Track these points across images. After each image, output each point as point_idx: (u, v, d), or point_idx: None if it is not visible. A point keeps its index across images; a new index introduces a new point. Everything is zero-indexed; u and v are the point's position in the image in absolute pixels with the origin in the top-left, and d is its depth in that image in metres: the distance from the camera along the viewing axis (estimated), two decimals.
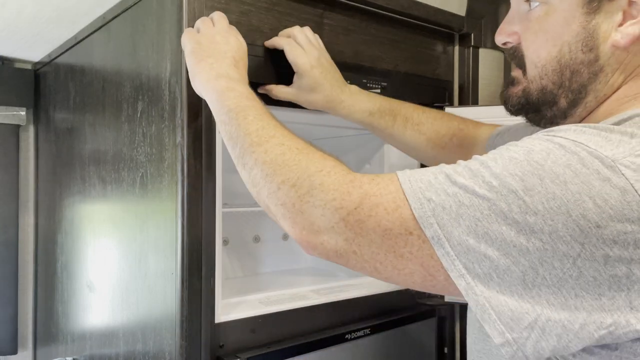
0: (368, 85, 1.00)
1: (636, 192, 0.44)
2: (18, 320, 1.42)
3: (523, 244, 0.45)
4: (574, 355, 0.49)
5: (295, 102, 0.90)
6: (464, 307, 1.20)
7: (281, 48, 0.86)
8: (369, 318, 1.04)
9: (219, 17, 0.78)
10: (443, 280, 0.49)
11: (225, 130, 0.66)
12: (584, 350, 0.48)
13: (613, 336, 0.46)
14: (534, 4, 0.60)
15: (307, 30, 0.88)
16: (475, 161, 0.50)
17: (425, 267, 0.50)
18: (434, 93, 1.05)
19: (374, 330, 1.01)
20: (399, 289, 1.12)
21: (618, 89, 0.57)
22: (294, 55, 0.85)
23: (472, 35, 1.20)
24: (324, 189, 0.54)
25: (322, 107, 0.90)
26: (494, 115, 1.11)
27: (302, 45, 0.86)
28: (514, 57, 0.64)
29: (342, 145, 1.35)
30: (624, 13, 0.55)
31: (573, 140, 0.47)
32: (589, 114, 0.60)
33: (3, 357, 1.42)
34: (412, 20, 1.10)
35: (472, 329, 0.65)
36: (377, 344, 1.03)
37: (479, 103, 1.23)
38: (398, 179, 0.52)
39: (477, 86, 1.22)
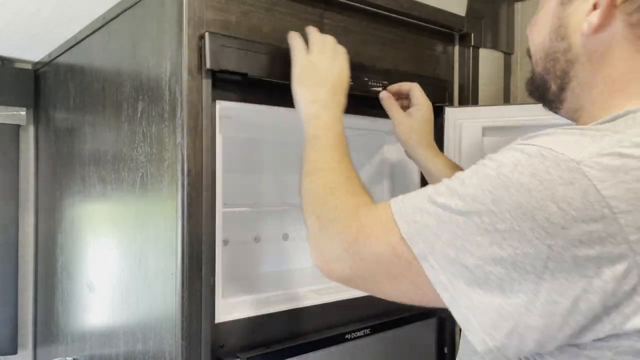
0: (370, 83, 1.00)
1: (598, 191, 0.45)
2: (18, 320, 1.42)
3: (497, 252, 0.48)
4: (549, 354, 0.51)
5: (397, 123, 0.98)
6: None
7: (409, 88, 1.00)
8: (369, 318, 1.04)
9: (329, 40, 0.87)
10: (433, 296, 0.52)
11: (303, 152, 0.77)
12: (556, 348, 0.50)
13: (585, 332, 0.48)
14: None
15: None
16: (455, 179, 0.53)
17: (416, 284, 0.54)
18: (434, 93, 1.05)
19: (374, 330, 1.01)
20: None
21: (606, 79, 0.58)
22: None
23: (472, 35, 1.20)
24: (334, 224, 0.63)
25: (415, 141, 0.98)
26: (493, 115, 1.12)
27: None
28: (527, 49, 0.70)
29: None
30: (595, 4, 0.57)
31: (541, 147, 0.49)
32: (595, 102, 0.61)
33: (3, 357, 1.42)
34: (412, 20, 1.10)
35: (462, 341, 0.67)
36: (377, 344, 1.03)
37: (479, 103, 1.23)
38: (390, 207, 0.57)
39: (477, 86, 1.22)
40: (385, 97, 1.00)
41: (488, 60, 1.24)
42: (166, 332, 0.83)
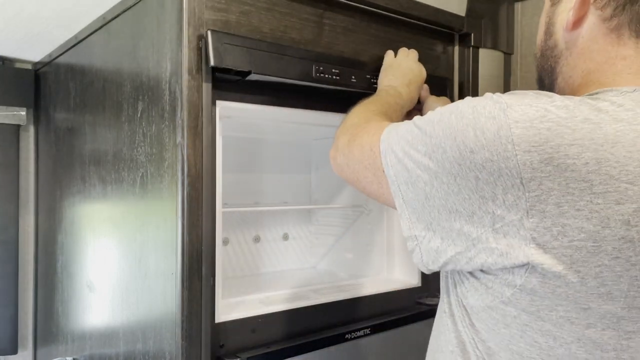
0: (372, 80, 1.00)
1: (510, 129, 0.51)
2: (18, 320, 1.43)
3: (426, 162, 0.57)
4: (461, 275, 0.61)
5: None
6: None
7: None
8: (369, 318, 1.04)
9: (412, 52, 1.05)
10: (386, 189, 0.64)
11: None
12: (467, 278, 0.60)
13: (476, 250, 0.55)
14: None
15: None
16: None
17: (377, 176, 0.66)
18: (434, 92, 1.05)
19: (374, 330, 1.01)
20: (399, 288, 1.12)
21: (583, 71, 0.62)
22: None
23: (472, 35, 1.20)
24: (353, 126, 0.77)
25: None
26: None
27: None
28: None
29: None
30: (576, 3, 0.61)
31: (497, 94, 0.56)
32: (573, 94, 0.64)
33: (3, 357, 1.42)
34: (412, 20, 1.10)
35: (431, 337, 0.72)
36: (377, 344, 1.03)
37: None
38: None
39: (477, 86, 1.22)
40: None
41: (488, 60, 1.24)
42: (166, 332, 0.83)
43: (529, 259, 0.51)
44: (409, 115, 0.97)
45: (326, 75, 0.95)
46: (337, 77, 0.96)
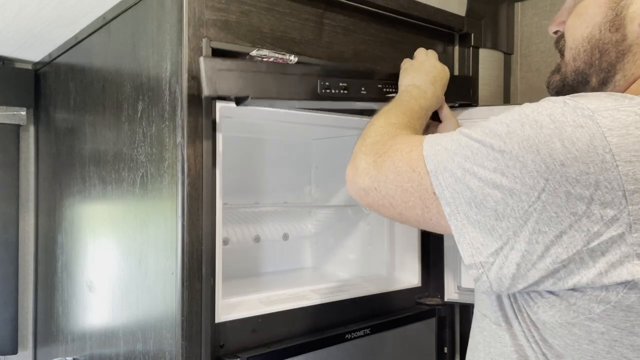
0: (385, 90, 0.97)
1: (605, 137, 0.47)
2: (18, 320, 1.43)
3: (498, 178, 0.52)
4: (529, 295, 0.56)
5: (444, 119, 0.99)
6: (464, 308, 1.20)
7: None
8: (369, 318, 1.04)
9: (431, 51, 1.00)
10: (436, 213, 0.58)
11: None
12: (544, 297, 0.54)
13: (567, 270, 0.50)
14: None
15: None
16: (491, 117, 0.58)
17: (423, 200, 0.59)
18: None
19: (374, 330, 1.01)
20: (399, 288, 1.12)
21: None
22: None
23: (472, 35, 1.20)
24: (374, 143, 0.68)
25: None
26: (494, 115, 1.11)
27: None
28: (557, 45, 0.70)
29: (342, 145, 1.35)
30: None
31: (568, 98, 0.52)
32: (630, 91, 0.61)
33: (3, 357, 1.42)
34: (412, 20, 1.10)
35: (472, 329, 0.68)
36: (377, 344, 1.03)
37: (479, 103, 1.23)
38: (425, 136, 0.63)
39: (477, 86, 1.22)
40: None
41: (488, 60, 1.24)
42: (166, 332, 0.83)
43: (634, 276, 0.47)
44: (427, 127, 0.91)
45: (333, 91, 0.89)
46: (345, 92, 0.90)
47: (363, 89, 0.92)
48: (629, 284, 0.48)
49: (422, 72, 0.92)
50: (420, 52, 1.00)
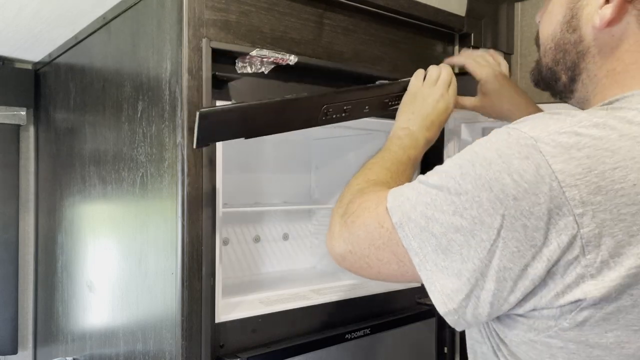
0: (390, 104, 0.96)
1: (549, 165, 0.48)
2: (18, 320, 1.43)
3: (458, 221, 0.52)
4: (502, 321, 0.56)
5: (478, 109, 0.98)
6: None
7: (461, 64, 1.00)
8: (369, 318, 1.04)
9: (446, 72, 0.91)
10: (411, 266, 0.56)
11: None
12: (508, 317, 0.55)
13: (532, 294, 0.51)
14: None
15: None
16: (447, 160, 0.58)
17: (396, 254, 0.58)
18: None
19: (374, 330, 1.01)
20: (399, 288, 1.12)
21: (610, 71, 0.59)
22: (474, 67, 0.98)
23: (472, 35, 1.20)
24: (347, 205, 0.66)
25: (506, 111, 0.95)
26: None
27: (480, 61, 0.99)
28: (536, 39, 0.70)
29: (342, 145, 1.35)
30: None
31: (510, 127, 0.53)
32: (596, 93, 0.61)
33: (3, 357, 1.42)
34: (412, 20, 1.10)
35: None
36: (377, 344, 1.03)
37: None
38: (390, 188, 0.62)
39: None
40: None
41: None
42: (166, 332, 0.83)
43: (586, 295, 0.49)
44: None
45: (335, 116, 0.87)
46: (347, 114, 0.88)
47: (366, 107, 0.90)
48: (582, 302, 0.49)
49: (422, 114, 0.87)
50: (431, 76, 0.91)
